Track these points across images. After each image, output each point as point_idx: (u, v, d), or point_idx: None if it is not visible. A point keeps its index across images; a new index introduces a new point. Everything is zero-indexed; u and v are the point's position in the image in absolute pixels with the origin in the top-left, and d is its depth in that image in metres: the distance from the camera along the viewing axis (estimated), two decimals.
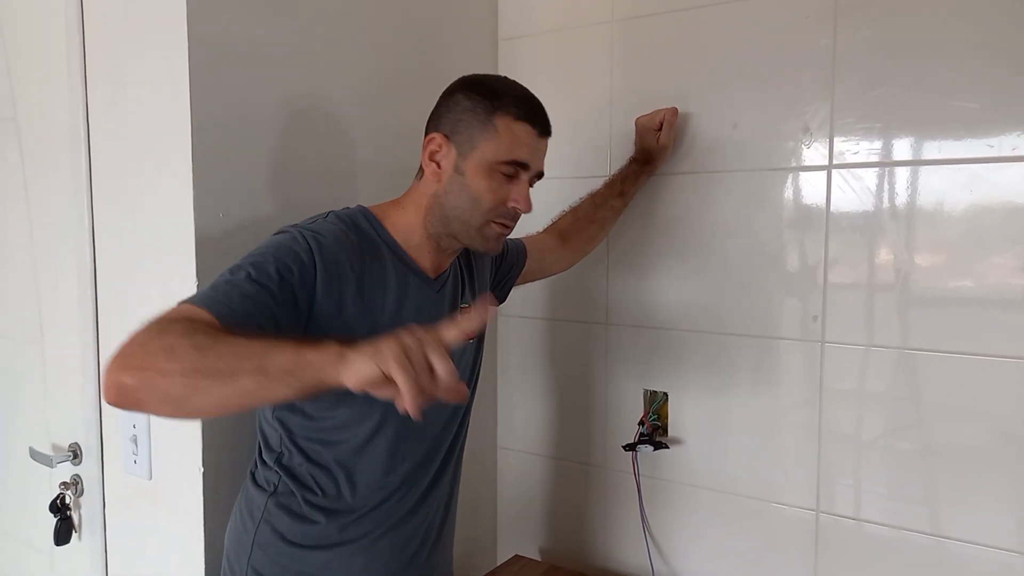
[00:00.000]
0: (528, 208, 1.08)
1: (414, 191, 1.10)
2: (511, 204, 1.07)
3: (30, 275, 1.44)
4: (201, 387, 0.74)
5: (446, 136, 1.06)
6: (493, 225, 1.07)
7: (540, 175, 1.11)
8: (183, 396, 0.75)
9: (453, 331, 0.75)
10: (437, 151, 1.06)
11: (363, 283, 1.00)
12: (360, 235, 1.04)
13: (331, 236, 0.99)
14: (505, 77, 1.11)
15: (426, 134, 1.09)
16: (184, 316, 0.82)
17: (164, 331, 0.78)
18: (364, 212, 1.08)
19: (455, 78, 1.11)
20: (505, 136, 1.04)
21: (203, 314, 0.82)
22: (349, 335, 0.82)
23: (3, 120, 1.45)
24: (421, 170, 1.10)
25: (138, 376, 0.75)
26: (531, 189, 1.10)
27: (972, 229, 1.24)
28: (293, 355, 0.74)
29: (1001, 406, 1.23)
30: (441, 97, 1.10)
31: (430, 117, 1.10)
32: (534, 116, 1.06)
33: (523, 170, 1.06)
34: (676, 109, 1.46)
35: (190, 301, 0.87)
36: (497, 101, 1.04)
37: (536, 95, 1.09)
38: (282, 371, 0.73)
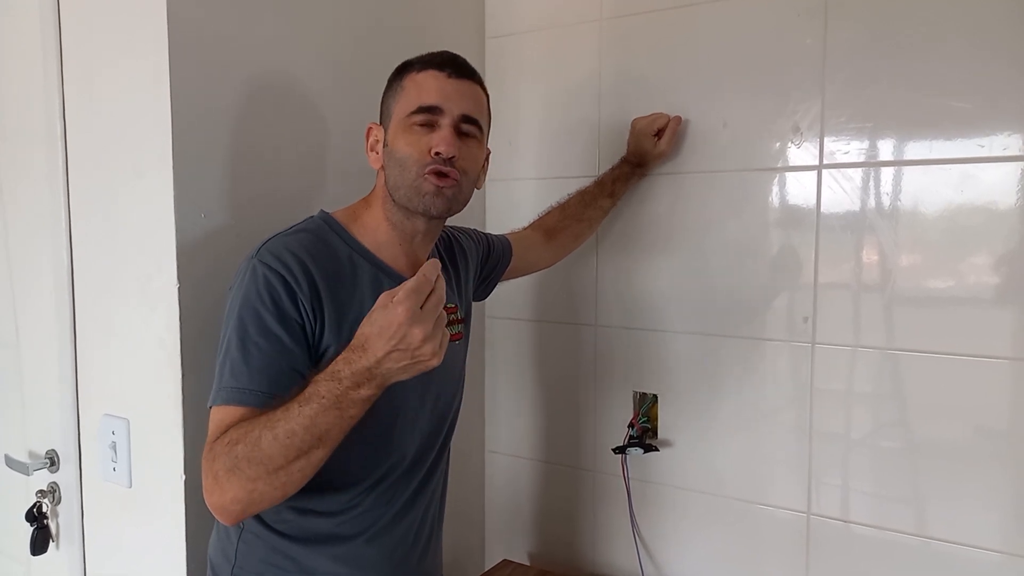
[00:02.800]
0: (448, 149, 1.00)
1: (377, 186, 1.09)
2: (433, 151, 1.00)
3: (5, 277, 1.40)
4: (291, 477, 0.87)
5: (378, 122, 1.08)
6: (427, 177, 1.01)
7: (472, 122, 1.04)
8: (285, 489, 0.88)
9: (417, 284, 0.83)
10: (376, 140, 1.08)
11: (336, 302, 0.98)
12: (326, 248, 1.01)
13: (290, 262, 0.96)
14: (438, 51, 1.07)
15: None
16: (232, 433, 0.90)
17: (226, 458, 0.88)
18: (328, 221, 1.05)
19: None
20: (411, 89, 1.03)
21: (238, 411, 0.92)
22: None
23: None
24: None
25: (240, 505, 0.89)
26: (465, 144, 1.04)
27: (963, 229, 1.24)
28: (336, 413, 0.85)
29: (983, 406, 1.24)
30: None
31: None
32: (439, 62, 1.03)
33: (438, 116, 1.01)
34: (680, 118, 1.45)
35: (225, 403, 0.93)
36: (406, 67, 1.05)
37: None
38: (340, 428, 0.86)
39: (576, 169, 1.59)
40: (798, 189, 1.37)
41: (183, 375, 1.11)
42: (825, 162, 1.34)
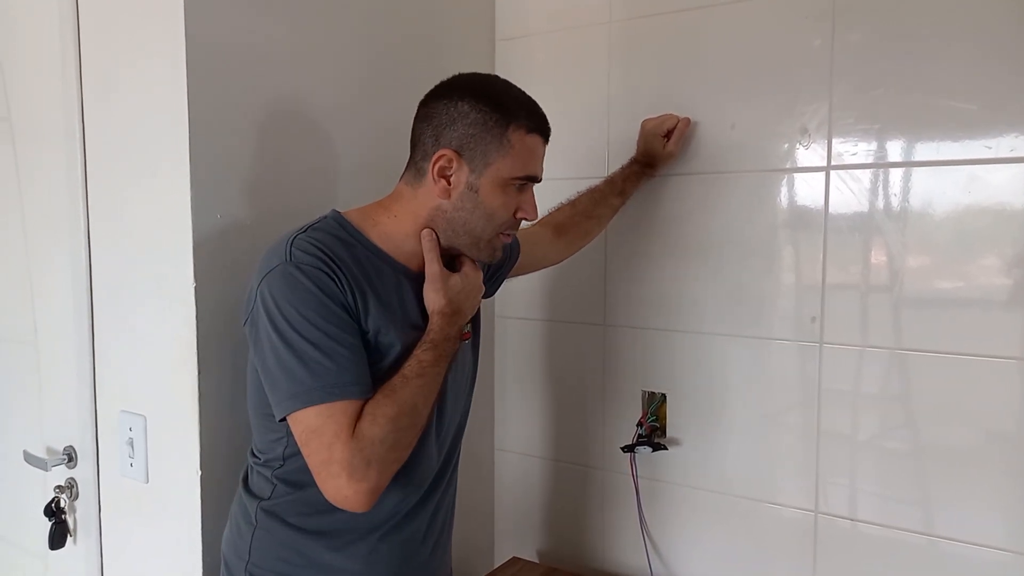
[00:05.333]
0: (537, 217, 1.10)
1: (410, 200, 1.06)
2: (520, 215, 1.08)
3: (24, 276, 1.42)
4: (420, 432, 1.01)
5: (457, 152, 1.02)
6: (500, 236, 1.08)
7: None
8: (412, 445, 1.00)
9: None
10: (447, 167, 1.03)
11: (362, 292, 0.99)
12: (344, 246, 1.02)
13: (325, 256, 0.97)
14: (501, 79, 1.09)
15: (418, 144, 1.05)
16: (368, 414, 0.95)
17: (391, 435, 0.95)
18: (339, 220, 1.05)
19: None
20: (520, 151, 1.03)
21: (357, 403, 0.95)
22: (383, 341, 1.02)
23: None
24: (408, 174, 1.07)
25: (386, 480, 0.96)
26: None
27: (971, 230, 1.24)
28: (445, 365, 1.03)
29: (991, 405, 1.24)
30: (437, 101, 1.04)
31: (427, 122, 1.05)
32: (543, 126, 1.07)
33: (533, 182, 1.08)
34: (689, 120, 1.46)
35: (341, 398, 0.94)
36: (508, 114, 1.02)
37: (533, 96, 1.08)
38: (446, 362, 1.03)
39: (585, 170, 1.60)
40: (806, 190, 1.38)
41: (199, 372, 1.13)
42: (833, 163, 1.35)
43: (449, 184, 1.04)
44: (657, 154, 1.46)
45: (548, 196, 1.53)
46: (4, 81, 1.41)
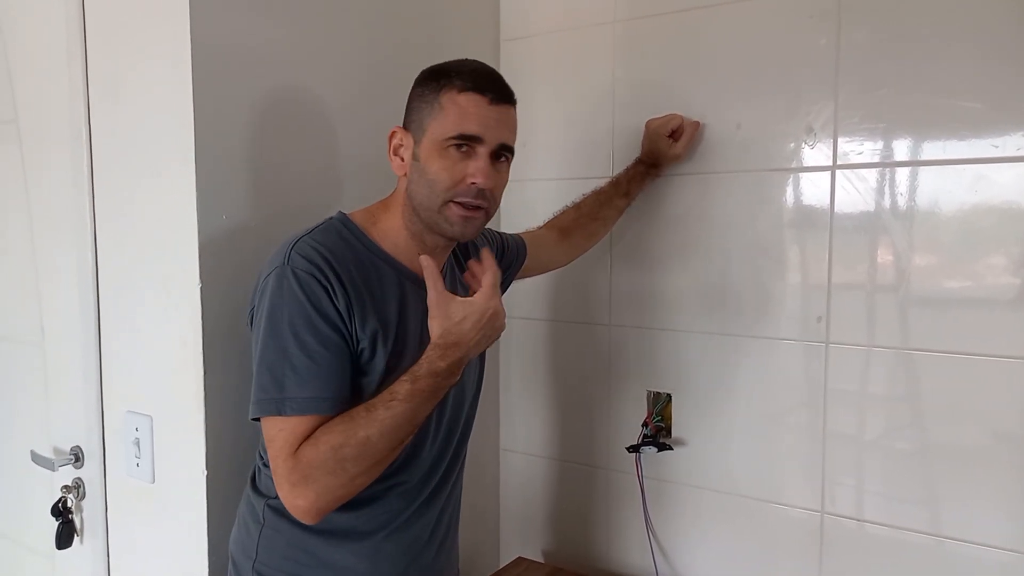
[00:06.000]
0: (486, 182, 1.01)
1: (397, 191, 1.09)
2: (469, 181, 1.01)
3: (31, 277, 1.43)
4: (384, 464, 0.97)
5: (404, 128, 1.05)
6: (452, 206, 1.02)
7: (508, 150, 1.05)
8: (375, 475, 0.97)
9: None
10: (400, 145, 1.05)
11: (360, 300, 0.99)
12: (348, 250, 1.02)
13: (324, 261, 0.97)
14: (465, 59, 1.06)
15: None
16: (315, 436, 0.94)
17: (331, 462, 0.93)
18: (344, 222, 1.06)
19: None
20: (451, 110, 1.00)
21: (314, 420, 0.95)
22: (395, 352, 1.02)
23: (4, 122, 1.44)
24: None
25: (332, 500, 0.95)
26: (511, 175, 1.08)
27: (978, 229, 1.24)
28: (433, 401, 0.98)
29: (997, 405, 1.23)
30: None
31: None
32: (481, 84, 1.01)
33: (477, 144, 1.01)
34: (698, 123, 1.46)
35: (300, 412, 0.94)
36: (443, 79, 1.02)
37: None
38: (429, 411, 0.99)
39: (590, 170, 1.60)
40: (812, 189, 1.37)
41: (205, 373, 1.13)
42: (838, 163, 1.34)
43: (403, 160, 1.05)
44: (662, 154, 1.46)
45: (553, 197, 1.54)
46: (11, 83, 1.42)
